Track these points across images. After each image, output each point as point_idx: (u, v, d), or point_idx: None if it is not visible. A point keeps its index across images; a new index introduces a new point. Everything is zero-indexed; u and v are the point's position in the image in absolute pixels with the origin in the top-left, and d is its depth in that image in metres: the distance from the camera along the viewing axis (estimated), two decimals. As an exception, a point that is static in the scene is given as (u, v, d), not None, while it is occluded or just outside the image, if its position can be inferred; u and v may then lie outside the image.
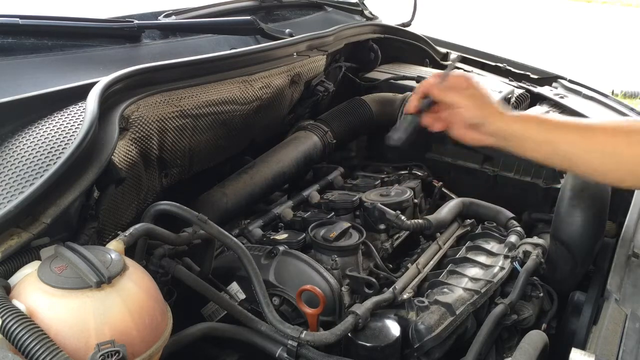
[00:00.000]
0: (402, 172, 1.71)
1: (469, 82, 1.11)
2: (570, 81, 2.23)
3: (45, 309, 0.69)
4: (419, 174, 1.69)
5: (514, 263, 1.29)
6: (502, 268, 1.27)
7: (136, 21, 1.44)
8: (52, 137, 0.89)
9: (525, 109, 2.02)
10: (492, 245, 1.38)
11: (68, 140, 0.89)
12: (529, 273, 1.26)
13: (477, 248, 1.36)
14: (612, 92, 5.33)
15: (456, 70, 1.09)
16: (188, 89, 1.23)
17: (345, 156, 1.89)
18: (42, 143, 0.88)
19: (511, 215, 1.53)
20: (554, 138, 1.06)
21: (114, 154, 0.98)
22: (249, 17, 1.60)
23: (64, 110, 0.98)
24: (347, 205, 1.40)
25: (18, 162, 0.84)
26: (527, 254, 1.33)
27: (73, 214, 0.90)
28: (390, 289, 1.14)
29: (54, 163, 0.83)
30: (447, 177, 1.76)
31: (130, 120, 1.09)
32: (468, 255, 1.32)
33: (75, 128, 0.92)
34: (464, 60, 2.40)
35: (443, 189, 1.70)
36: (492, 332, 1.14)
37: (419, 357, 1.07)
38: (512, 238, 1.40)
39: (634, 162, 1.00)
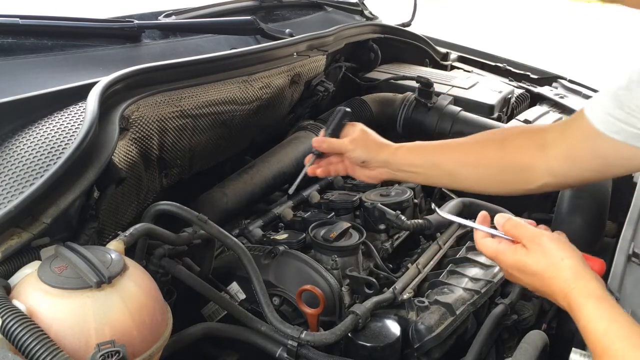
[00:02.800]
0: (402, 172, 1.71)
1: (353, 129, 1.19)
2: (570, 81, 2.23)
3: (45, 309, 0.69)
4: (419, 174, 1.69)
5: (514, 263, 1.29)
6: (502, 268, 1.27)
7: (136, 21, 1.44)
8: (52, 137, 0.89)
9: (526, 109, 2.02)
10: (492, 245, 1.38)
11: (68, 140, 0.89)
12: (529, 273, 1.26)
13: (477, 248, 1.36)
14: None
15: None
16: (188, 89, 1.23)
17: (346, 156, 1.89)
18: (42, 143, 0.88)
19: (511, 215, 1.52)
20: (436, 159, 1.15)
21: (114, 154, 0.98)
22: (249, 17, 1.60)
23: (64, 110, 0.98)
24: (347, 205, 1.40)
25: (18, 162, 0.84)
26: (527, 254, 1.32)
27: (73, 214, 0.90)
28: (391, 289, 1.14)
29: (54, 163, 0.83)
30: (447, 177, 1.76)
31: (131, 120, 1.09)
32: (468, 255, 1.32)
33: (76, 128, 0.92)
34: (464, 60, 2.40)
35: (443, 189, 1.70)
36: (492, 332, 1.14)
37: (419, 357, 1.07)
38: (512, 238, 1.39)
39: (501, 169, 1.09)
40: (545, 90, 2.13)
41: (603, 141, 0.94)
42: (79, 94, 1.01)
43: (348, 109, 1.20)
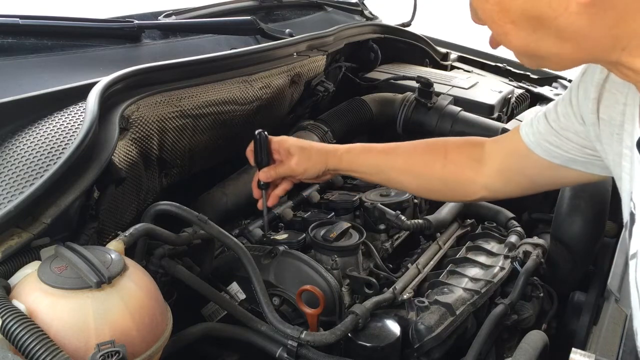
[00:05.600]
0: (402, 172, 1.71)
1: (285, 146, 1.22)
2: (570, 81, 2.22)
3: (45, 309, 0.69)
4: (419, 174, 1.69)
5: (514, 263, 1.29)
6: (502, 268, 1.27)
7: (136, 21, 1.44)
8: (52, 137, 0.89)
9: (526, 108, 2.02)
10: (492, 246, 1.38)
11: (68, 140, 0.89)
12: (529, 273, 1.26)
13: (477, 248, 1.36)
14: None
15: (274, 139, 1.24)
16: (188, 89, 1.23)
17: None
18: (42, 143, 0.88)
19: (511, 215, 1.53)
20: (381, 166, 1.20)
21: (114, 154, 0.98)
22: (249, 17, 1.60)
23: (64, 110, 0.98)
24: (347, 205, 1.40)
25: (18, 162, 0.84)
26: (527, 254, 1.33)
27: (73, 214, 0.90)
28: (391, 289, 1.14)
29: (54, 163, 0.83)
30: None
31: (131, 120, 1.09)
32: (468, 256, 1.32)
33: (76, 128, 0.92)
34: (464, 60, 2.40)
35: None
36: (492, 332, 1.14)
37: (419, 357, 1.07)
38: (512, 238, 1.40)
39: (446, 179, 1.15)
40: (545, 90, 2.13)
41: (539, 163, 0.99)
42: (79, 94, 1.01)
43: (263, 132, 1.21)
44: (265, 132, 1.21)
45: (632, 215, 0.75)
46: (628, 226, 0.78)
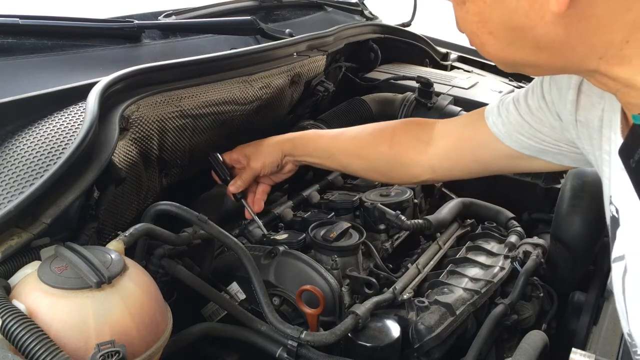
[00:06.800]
0: (402, 172, 1.71)
1: (241, 153, 1.30)
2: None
3: (45, 309, 0.69)
4: (419, 174, 1.69)
5: (514, 263, 1.29)
6: (502, 268, 1.27)
7: (136, 21, 1.44)
8: (52, 137, 0.89)
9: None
10: (492, 246, 1.38)
11: (68, 140, 0.89)
12: (529, 273, 1.26)
13: (477, 248, 1.36)
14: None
15: (227, 156, 1.32)
16: (188, 89, 1.23)
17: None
18: (42, 143, 0.88)
19: (511, 215, 1.53)
20: (331, 150, 1.23)
21: (114, 154, 0.98)
22: (249, 17, 1.60)
23: (64, 110, 0.98)
24: (347, 205, 1.40)
25: (18, 162, 0.84)
26: (527, 254, 1.33)
27: (73, 214, 0.90)
28: (391, 289, 1.14)
29: (54, 163, 0.83)
30: (447, 177, 1.76)
31: (131, 120, 1.09)
32: (468, 256, 1.32)
33: (76, 128, 0.92)
34: (464, 60, 2.40)
35: (443, 189, 1.70)
36: (492, 332, 1.14)
37: (419, 357, 1.07)
38: (512, 238, 1.40)
39: (391, 161, 1.17)
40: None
41: (504, 152, 0.99)
42: (79, 94, 1.01)
43: (214, 153, 1.31)
44: (216, 153, 1.31)
45: (613, 218, 0.75)
46: (610, 229, 0.78)
